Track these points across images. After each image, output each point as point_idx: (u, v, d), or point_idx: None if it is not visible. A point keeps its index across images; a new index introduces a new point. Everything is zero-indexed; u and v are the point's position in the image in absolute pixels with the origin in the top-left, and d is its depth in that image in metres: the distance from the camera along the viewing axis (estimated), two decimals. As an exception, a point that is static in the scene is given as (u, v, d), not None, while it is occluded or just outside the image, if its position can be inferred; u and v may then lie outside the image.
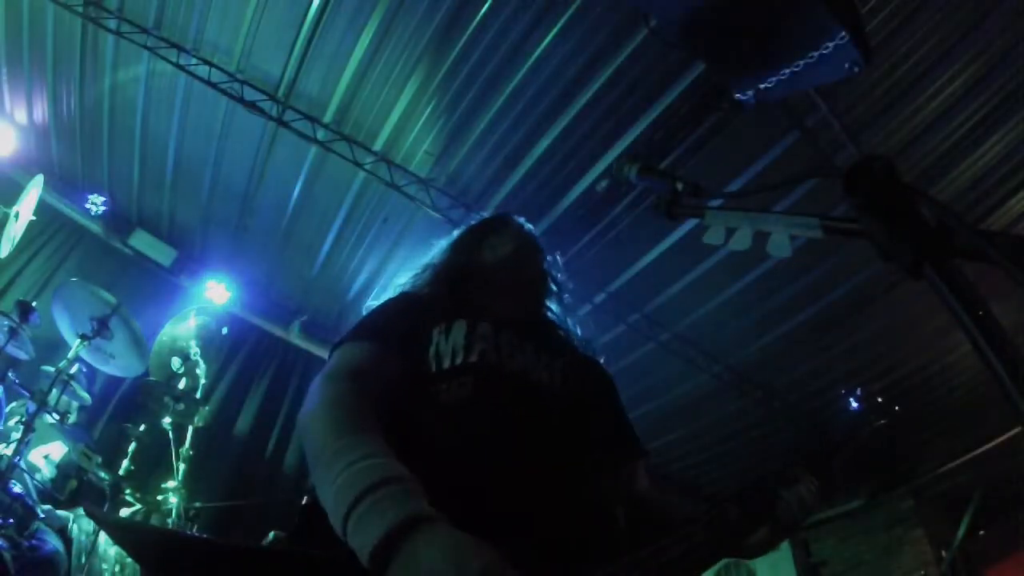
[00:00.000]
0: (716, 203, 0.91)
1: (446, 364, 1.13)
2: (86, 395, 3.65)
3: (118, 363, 3.76)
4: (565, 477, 1.08)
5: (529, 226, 1.57)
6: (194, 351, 3.94)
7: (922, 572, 5.44)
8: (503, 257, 1.46)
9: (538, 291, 1.49)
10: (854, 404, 1.25)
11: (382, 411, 1.01)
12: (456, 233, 1.60)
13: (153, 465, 3.94)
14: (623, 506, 1.19)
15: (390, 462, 0.86)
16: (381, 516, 0.77)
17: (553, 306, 1.52)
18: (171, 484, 3.37)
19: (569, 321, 1.52)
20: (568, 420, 1.17)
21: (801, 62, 2.59)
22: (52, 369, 3.30)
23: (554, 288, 1.53)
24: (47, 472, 3.15)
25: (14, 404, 3.22)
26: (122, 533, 1.06)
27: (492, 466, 1.01)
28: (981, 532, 5.46)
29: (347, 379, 1.06)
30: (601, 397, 1.35)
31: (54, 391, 3.19)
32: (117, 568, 2.95)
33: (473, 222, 1.64)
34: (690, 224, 4.43)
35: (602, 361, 1.46)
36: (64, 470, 3.23)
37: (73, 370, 3.38)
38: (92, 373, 3.95)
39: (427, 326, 1.20)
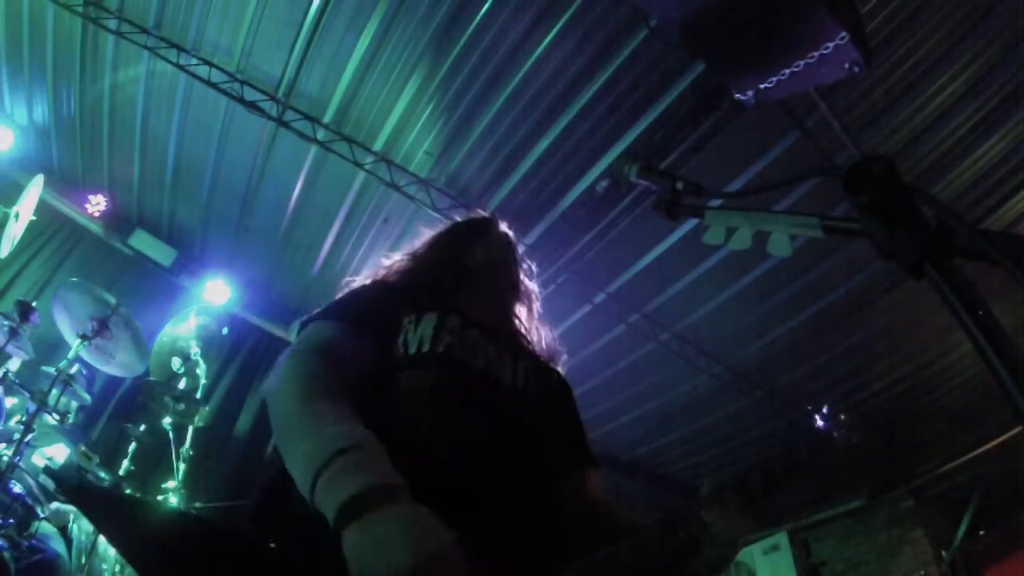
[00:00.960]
0: (716, 203, 0.91)
1: (412, 351, 1.14)
2: (86, 395, 3.65)
3: (118, 363, 3.75)
4: (520, 475, 1.08)
5: (511, 233, 1.61)
6: (194, 351, 3.94)
7: (922, 572, 5.44)
8: (493, 260, 1.50)
9: (512, 298, 1.52)
10: (820, 423, 1.23)
11: (348, 390, 1.02)
12: (444, 228, 1.62)
13: (153, 465, 3.94)
14: (575, 511, 1.20)
15: (359, 428, 0.88)
16: (352, 478, 0.79)
17: (522, 314, 1.55)
18: (171, 484, 3.37)
19: (535, 331, 1.54)
20: (525, 421, 1.18)
21: (801, 62, 2.59)
22: (52, 369, 3.30)
23: (525, 297, 1.57)
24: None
25: (15, 403, 3.22)
26: (111, 526, 1.03)
27: (445, 457, 1.02)
28: (981, 532, 5.47)
29: (315, 354, 1.08)
30: (559, 404, 1.37)
31: (54, 391, 3.20)
32: (117, 568, 2.95)
33: (460, 219, 1.66)
34: (690, 224, 4.43)
35: (562, 372, 1.48)
36: (65, 472, 3.23)
37: (73, 370, 3.38)
38: (92, 373, 3.95)
39: (398, 314, 1.21)
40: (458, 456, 1.03)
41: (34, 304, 3.42)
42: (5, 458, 2.75)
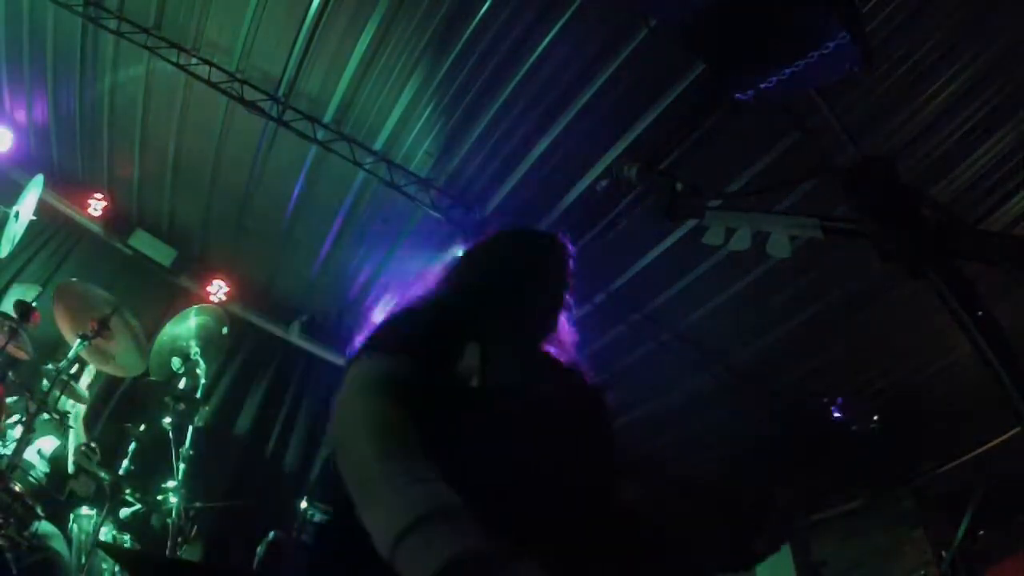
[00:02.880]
0: (716, 203, 0.91)
1: (479, 383, 1.11)
2: (86, 395, 3.65)
3: (118, 363, 3.76)
4: (598, 493, 1.11)
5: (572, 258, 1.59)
6: (194, 351, 3.94)
7: (922, 572, 5.44)
8: (563, 280, 1.51)
9: (562, 318, 1.53)
10: (837, 414, 1.29)
11: (420, 435, 0.97)
12: (520, 238, 1.59)
13: (153, 465, 3.93)
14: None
15: (444, 488, 0.85)
16: (439, 546, 0.76)
17: (565, 331, 1.55)
18: (171, 484, 3.37)
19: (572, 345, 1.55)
20: (587, 436, 1.21)
21: (801, 62, 2.59)
22: (53, 369, 3.30)
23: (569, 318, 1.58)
24: (40, 467, 3.16)
25: (14, 399, 3.21)
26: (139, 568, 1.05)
27: (531, 486, 1.02)
28: (981, 532, 5.46)
29: (384, 397, 1.02)
30: (602, 412, 1.37)
31: (54, 391, 3.20)
32: (117, 568, 2.95)
33: (537, 232, 1.63)
34: (690, 224, 4.42)
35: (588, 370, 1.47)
36: (57, 464, 3.24)
37: (74, 370, 3.38)
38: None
39: (460, 342, 1.16)
40: (538, 485, 1.03)
41: (34, 304, 3.42)
42: (6, 458, 2.75)
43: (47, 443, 3.29)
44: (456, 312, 1.28)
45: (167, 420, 3.59)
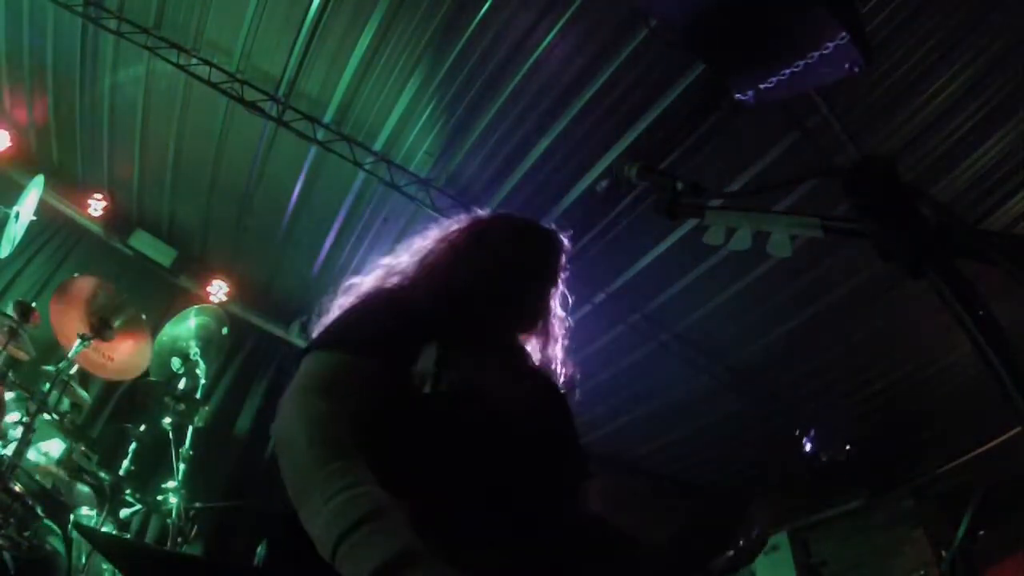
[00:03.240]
0: (716, 203, 0.91)
1: (429, 387, 1.07)
2: (85, 395, 3.65)
3: (118, 363, 3.75)
4: (555, 499, 1.09)
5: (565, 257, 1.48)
6: (194, 351, 3.94)
7: (922, 572, 5.44)
8: (546, 270, 1.42)
9: (544, 306, 1.45)
10: (808, 447, 1.26)
11: (361, 430, 0.97)
12: (502, 226, 1.46)
13: (153, 465, 3.94)
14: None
15: (378, 492, 0.86)
16: (374, 548, 0.78)
17: (547, 327, 1.48)
18: (171, 484, 3.37)
19: (552, 345, 1.48)
20: (550, 442, 1.18)
21: (801, 62, 2.60)
22: (52, 369, 3.30)
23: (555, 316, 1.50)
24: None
25: (12, 397, 3.21)
26: (115, 553, 1.05)
27: (485, 489, 1.01)
28: (981, 532, 5.45)
29: (323, 396, 1.01)
30: (567, 417, 1.32)
31: (54, 391, 3.20)
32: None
33: (522, 220, 1.50)
34: (690, 224, 4.43)
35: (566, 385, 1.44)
36: (62, 466, 3.23)
37: (73, 370, 3.37)
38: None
39: (417, 342, 1.12)
40: (493, 488, 1.02)
41: (34, 304, 3.42)
42: (6, 459, 2.75)
43: (53, 446, 3.28)
44: (418, 310, 1.21)
45: (167, 420, 3.59)
